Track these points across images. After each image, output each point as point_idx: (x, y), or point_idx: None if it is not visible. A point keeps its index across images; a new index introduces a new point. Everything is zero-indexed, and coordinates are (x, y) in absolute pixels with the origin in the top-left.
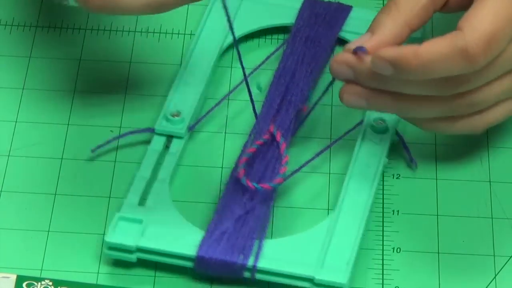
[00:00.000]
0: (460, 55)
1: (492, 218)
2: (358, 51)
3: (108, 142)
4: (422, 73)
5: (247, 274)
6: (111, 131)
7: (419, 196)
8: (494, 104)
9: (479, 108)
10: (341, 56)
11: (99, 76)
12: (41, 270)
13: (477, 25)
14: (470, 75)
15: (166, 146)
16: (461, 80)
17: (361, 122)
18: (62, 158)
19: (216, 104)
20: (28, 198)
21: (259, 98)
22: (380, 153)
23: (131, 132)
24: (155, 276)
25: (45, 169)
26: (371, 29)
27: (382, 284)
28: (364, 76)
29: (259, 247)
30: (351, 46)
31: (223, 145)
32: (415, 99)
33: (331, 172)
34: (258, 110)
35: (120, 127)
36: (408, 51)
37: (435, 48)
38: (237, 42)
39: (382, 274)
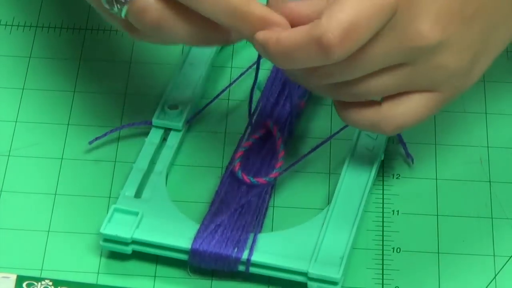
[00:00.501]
0: (316, 45)
1: (492, 218)
2: None
3: (106, 134)
4: (283, 61)
5: (241, 268)
6: (111, 130)
7: (419, 196)
8: (390, 99)
9: (359, 99)
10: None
11: (99, 76)
12: (41, 270)
13: (336, 13)
14: (336, 69)
15: (164, 139)
16: (326, 73)
17: None
18: (62, 158)
19: (216, 97)
20: (28, 198)
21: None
22: (377, 149)
23: (129, 125)
24: (155, 276)
25: (45, 169)
26: None
27: (382, 284)
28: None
29: (254, 241)
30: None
31: (221, 143)
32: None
33: (329, 169)
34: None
35: (120, 126)
36: (273, 36)
37: (293, 36)
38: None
39: (382, 274)
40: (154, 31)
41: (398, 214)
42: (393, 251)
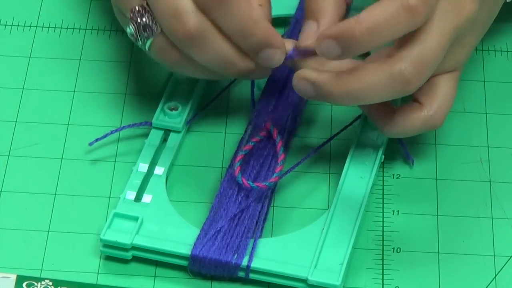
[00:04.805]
0: (404, 10)
1: (492, 218)
2: (289, 58)
3: (106, 135)
4: (368, 40)
5: (241, 274)
6: (111, 131)
7: (419, 196)
8: (424, 94)
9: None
10: (302, 72)
11: (99, 76)
12: (41, 270)
13: None
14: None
15: (164, 140)
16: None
17: (358, 117)
18: (62, 158)
19: (215, 97)
20: (28, 198)
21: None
22: (376, 150)
23: (129, 126)
24: (155, 276)
25: (45, 169)
26: (314, 16)
27: (382, 284)
28: (331, 92)
29: (253, 247)
30: (302, 42)
31: (221, 143)
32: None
33: (329, 169)
34: (255, 106)
35: (120, 126)
36: (349, 21)
37: (378, 10)
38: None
39: (382, 274)
40: (173, 68)
41: (398, 214)
42: (393, 251)
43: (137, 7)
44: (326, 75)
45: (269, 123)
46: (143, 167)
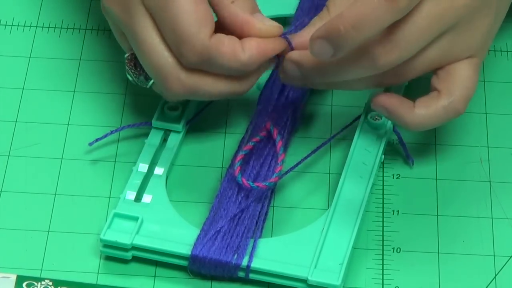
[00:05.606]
0: (384, 0)
1: (492, 218)
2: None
3: (106, 135)
4: (354, 35)
5: (241, 274)
6: (111, 131)
7: (419, 196)
8: (443, 80)
9: (406, 78)
10: (289, 54)
11: (99, 76)
12: (41, 270)
13: None
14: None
15: (164, 140)
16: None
17: (358, 117)
18: (62, 158)
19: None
20: (28, 198)
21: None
22: (376, 150)
23: (129, 126)
24: (155, 276)
25: (45, 169)
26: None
27: (382, 284)
28: (310, 70)
29: (253, 247)
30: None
31: (221, 143)
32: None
33: (329, 169)
34: (255, 106)
35: (120, 126)
36: (333, 19)
37: (360, 3)
38: None
39: (382, 274)
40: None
41: (398, 214)
42: (393, 251)
43: (129, 55)
44: (304, 62)
45: (269, 123)
46: (143, 167)
